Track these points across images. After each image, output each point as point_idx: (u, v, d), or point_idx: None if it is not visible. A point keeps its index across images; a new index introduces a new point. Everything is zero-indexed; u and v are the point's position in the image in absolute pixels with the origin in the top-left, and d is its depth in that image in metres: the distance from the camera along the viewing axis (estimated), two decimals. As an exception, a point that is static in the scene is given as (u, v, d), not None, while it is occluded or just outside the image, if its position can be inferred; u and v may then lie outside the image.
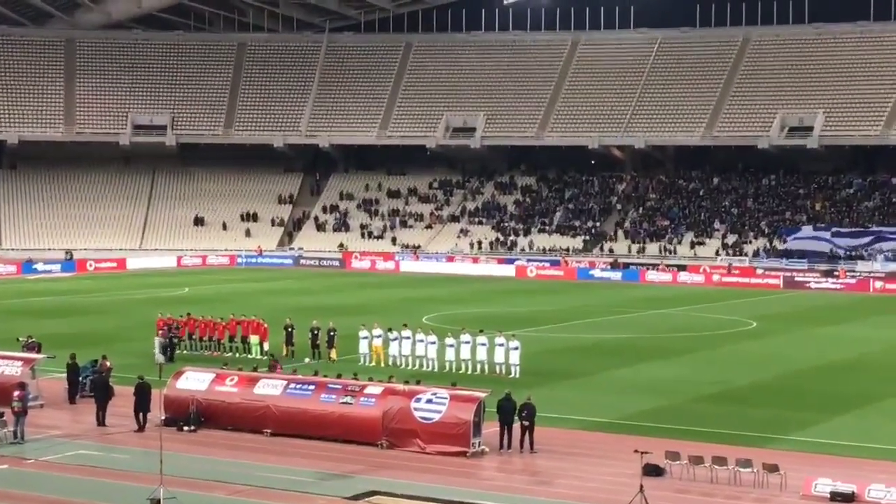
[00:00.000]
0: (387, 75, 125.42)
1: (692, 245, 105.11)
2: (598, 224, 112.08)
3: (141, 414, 36.48)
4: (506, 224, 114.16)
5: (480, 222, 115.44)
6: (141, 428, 36.23)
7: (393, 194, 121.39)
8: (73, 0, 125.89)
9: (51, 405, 39.80)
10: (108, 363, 40.39)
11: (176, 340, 49.71)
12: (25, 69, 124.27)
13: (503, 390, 35.89)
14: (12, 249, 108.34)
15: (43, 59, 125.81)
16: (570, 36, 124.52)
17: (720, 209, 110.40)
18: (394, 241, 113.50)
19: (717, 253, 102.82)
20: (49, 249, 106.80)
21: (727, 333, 61.73)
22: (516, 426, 34.35)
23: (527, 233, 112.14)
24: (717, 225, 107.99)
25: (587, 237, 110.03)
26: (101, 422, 37.03)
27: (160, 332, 49.53)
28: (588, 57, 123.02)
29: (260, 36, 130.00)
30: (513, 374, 45.57)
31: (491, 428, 34.56)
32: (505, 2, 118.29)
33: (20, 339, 46.61)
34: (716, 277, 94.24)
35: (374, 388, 35.95)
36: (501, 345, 46.61)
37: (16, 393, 35.11)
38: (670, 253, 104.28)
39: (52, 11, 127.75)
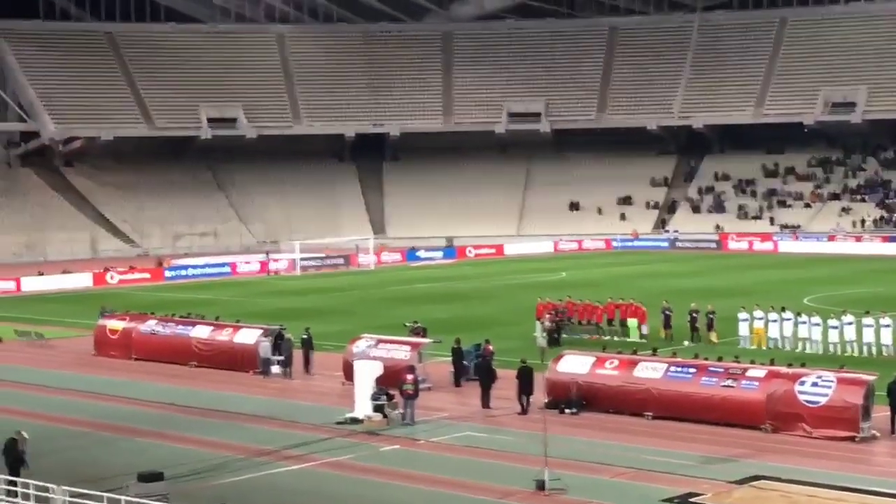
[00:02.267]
0: (761, 52, 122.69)
1: None
2: None
3: (524, 397, 37.07)
4: (891, 201, 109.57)
5: (863, 199, 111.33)
6: (524, 411, 36.83)
7: (770, 174, 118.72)
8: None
9: (437, 388, 40.98)
10: (491, 347, 41.21)
11: (563, 324, 50.14)
12: (404, 63, 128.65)
13: (892, 373, 34.49)
14: (397, 238, 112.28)
15: (421, 53, 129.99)
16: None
17: None
18: (772, 221, 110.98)
19: None
20: (430, 237, 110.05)
21: None
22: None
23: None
24: None
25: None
26: (485, 404, 37.86)
27: (548, 315, 50.04)
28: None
29: (631, 19, 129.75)
30: (902, 357, 43.76)
31: (881, 412, 33.28)
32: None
33: (407, 324, 48.08)
34: None
35: (757, 371, 35.23)
36: (888, 326, 44.82)
37: (408, 377, 36.37)
38: None
39: (428, 6, 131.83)
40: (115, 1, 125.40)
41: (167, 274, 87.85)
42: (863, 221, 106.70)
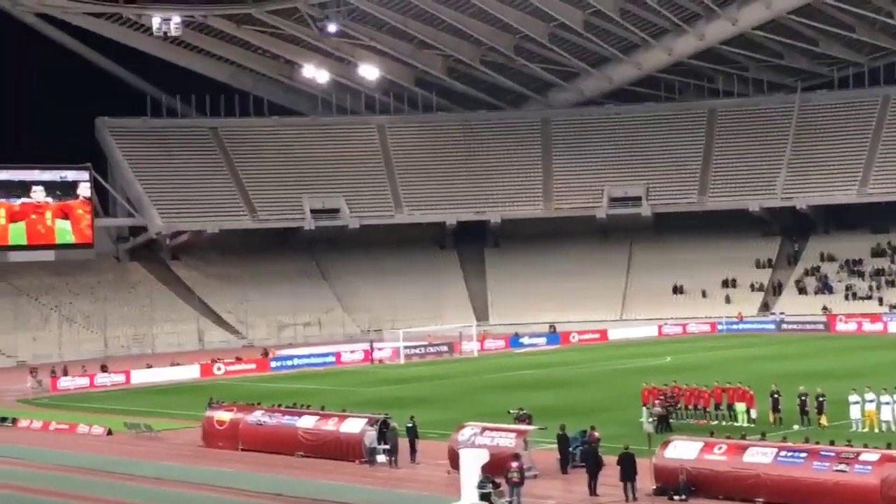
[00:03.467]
0: (864, 130, 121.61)
1: None
2: None
3: (628, 483, 36.69)
4: None
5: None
6: (628, 497, 36.42)
7: (877, 253, 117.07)
8: (547, 81, 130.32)
9: (544, 475, 40.70)
10: (596, 433, 40.94)
11: (672, 410, 49.68)
12: (504, 150, 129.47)
13: None
14: (500, 324, 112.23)
15: (520, 140, 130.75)
16: None
17: None
18: (880, 301, 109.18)
19: None
20: (534, 323, 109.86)
21: None
22: None
23: None
24: None
25: None
26: (592, 491, 37.52)
27: (657, 401, 49.65)
28: None
29: (730, 101, 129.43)
30: None
31: None
32: None
33: (511, 411, 47.94)
34: None
35: (870, 455, 34.54)
36: None
37: (513, 464, 36.20)
38: None
39: (527, 94, 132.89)
40: (219, 96, 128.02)
41: (272, 364, 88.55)
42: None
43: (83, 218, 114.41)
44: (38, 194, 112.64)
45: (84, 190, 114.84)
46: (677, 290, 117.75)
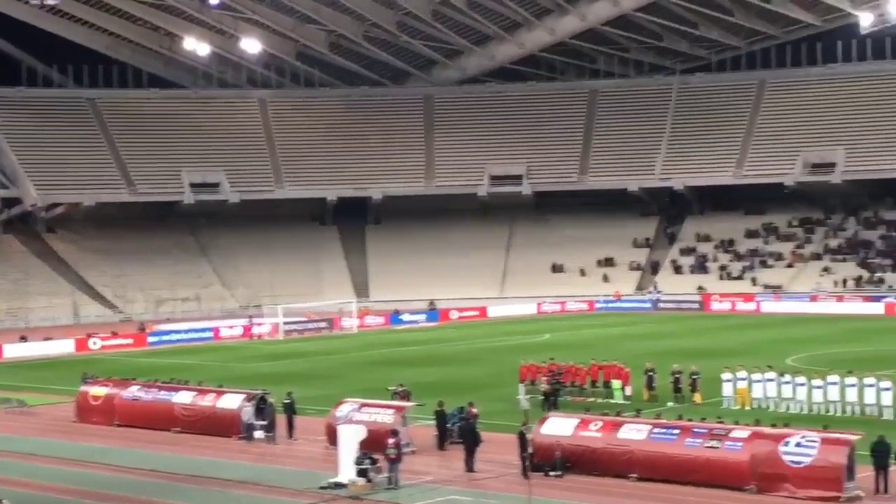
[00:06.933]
0: (741, 114, 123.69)
1: None
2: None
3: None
4: (871, 260, 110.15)
5: (844, 259, 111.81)
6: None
7: (751, 234, 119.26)
8: (430, 58, 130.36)
9: (422, 451, 40.87)
10: (474, 410, 41.15)
11: (559, 387, 50.03)
12: (386, 127, 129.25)
13: (876, 433, 34.56)
14: (380, 301, 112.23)
15: (402, 117, 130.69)
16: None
17: None
18: (754, 281, 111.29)
19: None
20: (414, 300, 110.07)
21: None
22: (893, 470, 32.97)
23: (894, 269, 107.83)
24: None
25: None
26: (470, 467, 37.75)
27: (544, 378, 50.05)
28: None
29: (611, 82, 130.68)
30: (886, 416, 43.79)
31: (865, 472, 33.31)
32: (862, 32, 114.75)
33: (390, 387, 48.06)
34: None
35: (741, 432, 35.26)
36: (871, 385, 44.94)
37: (390, 440, 36.33)
38: None
39: (409, 70, 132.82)
40: (97, 68, 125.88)
41: (150, 339, 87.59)
42: (844, 281, 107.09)
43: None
44: None
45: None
46: (556, 268, 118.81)
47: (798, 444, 33.54)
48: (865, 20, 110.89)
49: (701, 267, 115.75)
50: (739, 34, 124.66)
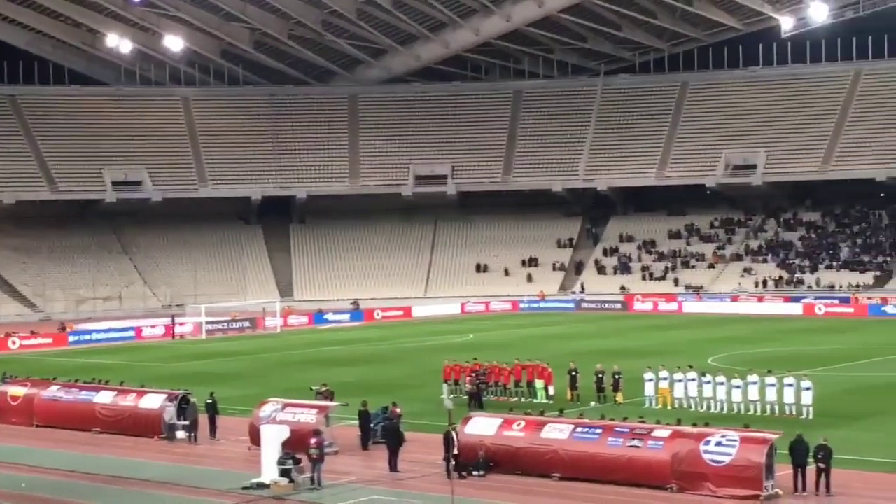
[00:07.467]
0: (664, 115, 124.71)
1: None
2: (888, 259, 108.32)
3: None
4: (791, 261, 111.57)
5: (764, 260, 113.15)
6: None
7: (674, 235, 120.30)
8: (355, 57, 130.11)
9: (345, 451, 40.78)
10: (398, 410, 41.16)
11: (484, 387, 50.03)
12: (310, 126, 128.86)
13: (795, 432, 34.99)
14: (304, 301, 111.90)
15: (327, 116, 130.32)
16: (852, 67, 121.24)
17: None
18: (676, 282, 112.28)
19: None
20: (338, 299, 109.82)
21: None
22: (811, 469, 33.41)
23: (813, 270, 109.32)
24: None
25: (878, 273, 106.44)
26: (393, 467, 37.74)
27: (468, 378, 49.95)
28: (872, 88, 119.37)
29: (535, 83, 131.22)
30: (804, 415, 44.36)
31: (784, 471, 33.71)
32: (783, 35, 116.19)
33: (314, 387, 47.87)
34: None
35: (662, 431, 35.53)
36: (791, 385, 45.50)
37: (312, 440, 36.22)
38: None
39: (334, 69, 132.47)
40: (17, 63, 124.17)
41: (70, 339, 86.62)
42: (764, 282, 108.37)
43: None
44: None
45: None
46: (481, 268, 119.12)
47: (718, 444, 33.86)
48: (786, 24, 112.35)
49: (624, 267, 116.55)
50: (663, 36, 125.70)
